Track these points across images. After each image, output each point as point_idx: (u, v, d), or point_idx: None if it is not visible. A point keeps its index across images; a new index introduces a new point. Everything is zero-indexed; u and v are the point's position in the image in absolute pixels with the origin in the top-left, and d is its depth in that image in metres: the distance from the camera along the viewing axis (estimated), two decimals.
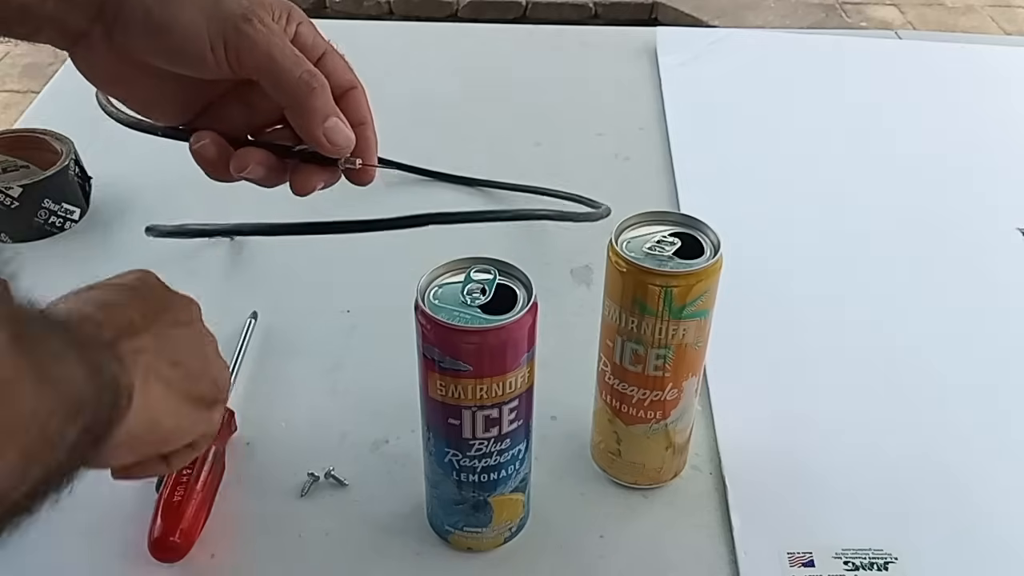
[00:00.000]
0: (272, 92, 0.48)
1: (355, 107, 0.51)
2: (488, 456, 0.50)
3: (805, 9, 3.43)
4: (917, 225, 0.82)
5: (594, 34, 1.18)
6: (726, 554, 0.55)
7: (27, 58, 3.13)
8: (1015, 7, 3.53)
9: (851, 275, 0.77)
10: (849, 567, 0.53)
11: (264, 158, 0.51)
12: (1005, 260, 0.79)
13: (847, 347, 0.69)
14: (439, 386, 0.48)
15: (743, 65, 1.06)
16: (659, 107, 0.98)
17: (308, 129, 0.49)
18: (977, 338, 0.71)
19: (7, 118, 2.73)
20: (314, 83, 0.48)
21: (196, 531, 0.53)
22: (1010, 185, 0.88)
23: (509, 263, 0.49)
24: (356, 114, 0.51)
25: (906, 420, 0.64)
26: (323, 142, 0.49)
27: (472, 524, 0.53)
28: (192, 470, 0.55)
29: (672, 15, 3.35)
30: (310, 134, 0.49)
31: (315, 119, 0.48)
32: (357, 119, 0.51)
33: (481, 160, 0.89)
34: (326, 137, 0.48)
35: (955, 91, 1.03)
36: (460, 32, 1.28)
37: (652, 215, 0.53)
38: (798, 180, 0.88)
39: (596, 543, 0.55)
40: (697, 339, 0.52)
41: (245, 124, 0.52)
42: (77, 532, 0.54)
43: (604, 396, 0.56)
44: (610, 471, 0.59)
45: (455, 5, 3.44)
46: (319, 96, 0.48)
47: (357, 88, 0.52)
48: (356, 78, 0.52)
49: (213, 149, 0.50)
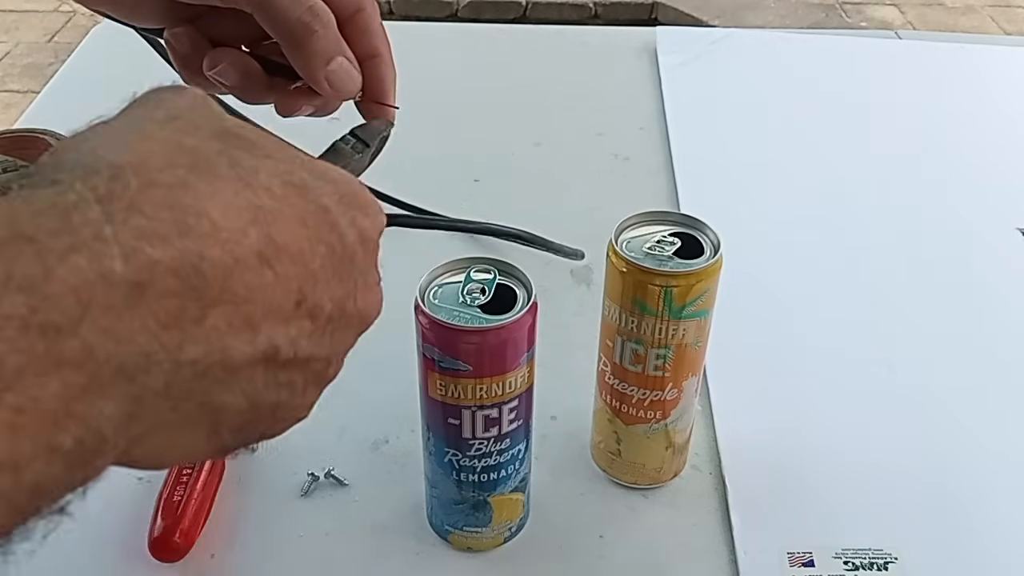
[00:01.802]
0: (267, 29, 0.42)
1: (363, 34, 0.44)
2: (488, 456, 0.50)
3: (805, 9, 3.43)
4: (917, 225, 0.82)
5: (594, 34, 1.18)
6: (726, 554, 0.55)
7: (27, 58, 3.14)
8: (1015, 7, 3.53)
9: (851, 275, 0.77)
10: (849, 567, 0.53)
11: (241, 61, 0.44)
12: (1005, 260, 0.79)
13: (847, 347, 0.69)
14: (439, 386, 0.48)
15: (743, 65, 1.06)
16: (659, 107, 0.98)
17: (308, 72, 0.43)
18: (977, 338, 0.71)
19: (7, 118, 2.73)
20: (315, 25, 0.42)
21: (196, 531, 0.53)
22: (1010, 185, 0.88)
23: (509, 263, 0.49)
24: (365, 43, 0.44)
25: (906, 420, 0.64)
26: (325, 87, 0.43)
27: (472, 524, 0.53)
28: (192, 470, 0.55)
29: (672, 15, 3.35)
30: (311, 77, 0.43)
31: (316, 62, 0.42)
32: (367, 50, 0.45)
33: (481, 160, 0.89)
34: (328, 81, 0.43)
35: (955, 91, 1.03)
36: (460, 32, 1.29)
37: (652, 215, 0.53)
38: (798, 180, 0.88)
39: (596, 543, 0.55)
40: (697, 339, 0.52)
41: (238, 35, 0.46)
42: (77, 532, 0.54)
43: (604, 396, 0.56)
44: (610, 471, 0.59)
45: (455, 5, 3.44)
46: (321, 39, 0.42)
47: (366, 10, 0.45)
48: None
49: (187, 42, 0.45)
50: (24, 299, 0.22)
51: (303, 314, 0.30)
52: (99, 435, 0.24)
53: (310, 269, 0.30)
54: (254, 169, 0.29)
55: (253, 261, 0.27)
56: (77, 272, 0.23)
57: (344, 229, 0.32)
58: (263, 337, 0.28)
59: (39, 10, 3.42)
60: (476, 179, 0.86)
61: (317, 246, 0.30)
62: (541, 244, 0.75)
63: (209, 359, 0.26)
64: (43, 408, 0.23)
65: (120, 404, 0.24)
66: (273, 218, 0.29)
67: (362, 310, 0.33)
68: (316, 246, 0.30)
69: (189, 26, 0.45)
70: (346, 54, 0.43)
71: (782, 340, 0.70)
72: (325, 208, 0.31)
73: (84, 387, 0.23)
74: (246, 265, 0.27)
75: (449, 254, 0.49)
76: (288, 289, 0.29)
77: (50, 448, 0.23)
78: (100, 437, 0.24)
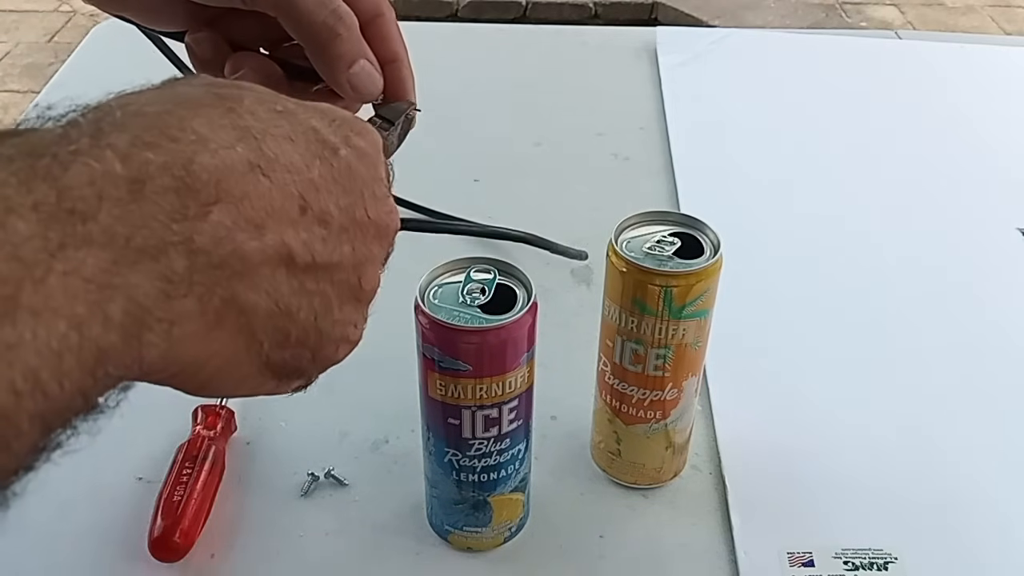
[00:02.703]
0: (290, 32, 0.43)
1: (383, 39, 0.45)
2: (488, 456, 0.50)
3: (805, 9, 3.43)
4: (917, 225, 0.82)
5: (594, 34, 1.18)
6: (726, 554, 0.55)
7: (27, 58, 3.13)
8: (1015, 7, 3.53)
9: (851, 275, 0.77)
10: (849, 567, 0.53)
11: (263, 66, 0.45)
12: (1005, 260, 0.79)
13: (847, 347, 0.69)
14: (439, 386, 0.48)
15: (743, 65, 1.06)
16: (659, 107, 0.98)
17: (331, 75, 0.44)
18: (977, 338, 0.71)
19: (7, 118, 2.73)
20: (339, 28, 0.42)
21: (196, 531, 0.53)
22: (1010, 185, 0.88)
23: (509, 263, 0.49)
24: (385, 48, 0.45)
25: (906, 420, 0.64)
26: (347, 90, 0.44)
27: (472, 524, 0.53)
28: (192, 470, 0.55)
29: (672, 15, 3.35)
30: (333, 79, 0.44)
31: (339, 65, 0.43)
32: (387, 55, 0.45)
33: (481, 160, 0.89)
34: (350, 84, 0.43)
35: (955, 91, 1.03)
36: (460, 32, 1.29)
37: (652, 215, 0.53)
38: (798, 180, 0.88)
39: (596, 543, 0.55)
40: (697, 339, 0.52)
41: (258, 37, 0.47)
42: (77, 532, 0.54)
43: (604, 396, 0.56)
44: (610, 471, 0.59)
45: (455, 5, 3.44)
46: (344, 42, 0.42)
47: (384, 15, 0.45)
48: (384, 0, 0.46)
49: (209, 46, 0.45)
50: (49, 187, 0.26)
51: (311, 220, 0.32)
52: (141, 306, 0.27)
53: (307, 178, 0.32)
54: (239, 97, 0.32)
55: (244, 167, 0.30)
56: (87, 170, 0.27)
57: (336, 144, 0.34)
58: (271, 236, 0.30)
59: (39, 10, 3.42)
60: (476, 179, 0.86)
61: (311, 160, 0.33)
62: (545, 246, 0.75)
63: (221, 250, 0.29)
64: (85, 275, 0.25)
65: (151, 280, 0.27)
66: (261, 136, 0.31)
67: (375, 219, 0.35)
68: (310, 160, 0.33)
69: (210, 30, 0.46)
70: (368, 57, 0.44)
71: (782, 340, 0.70)
72: (313, 128, 0.33)
73: (114, 261, 0.26)
74: (237, 171, 0.30)
75: (449, 254, 0.49)
76: (287, 194, 0.31)
77: (104, 315, 0.26)
78: (143, 308, 0.27)
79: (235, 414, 0.60)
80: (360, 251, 0.34)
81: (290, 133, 0.32)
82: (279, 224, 0.31)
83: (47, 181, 0.26)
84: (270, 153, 0.31)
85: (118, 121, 0.29)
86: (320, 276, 0.33)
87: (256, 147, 0.31)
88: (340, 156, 0.34)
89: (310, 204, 0.32)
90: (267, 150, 0.31)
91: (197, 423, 0.59)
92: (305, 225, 0.32)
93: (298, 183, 0.32)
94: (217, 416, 0.59)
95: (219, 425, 0.59)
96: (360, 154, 0.35)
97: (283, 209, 0.31)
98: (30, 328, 0.24)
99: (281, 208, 0.31)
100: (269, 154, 0.31)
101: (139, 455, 0.58)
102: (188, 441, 0.57)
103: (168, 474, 0.55)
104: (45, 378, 0.25)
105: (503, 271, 0.48)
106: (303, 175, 0.32)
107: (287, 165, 0.31)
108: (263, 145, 0.31)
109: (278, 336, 0.32)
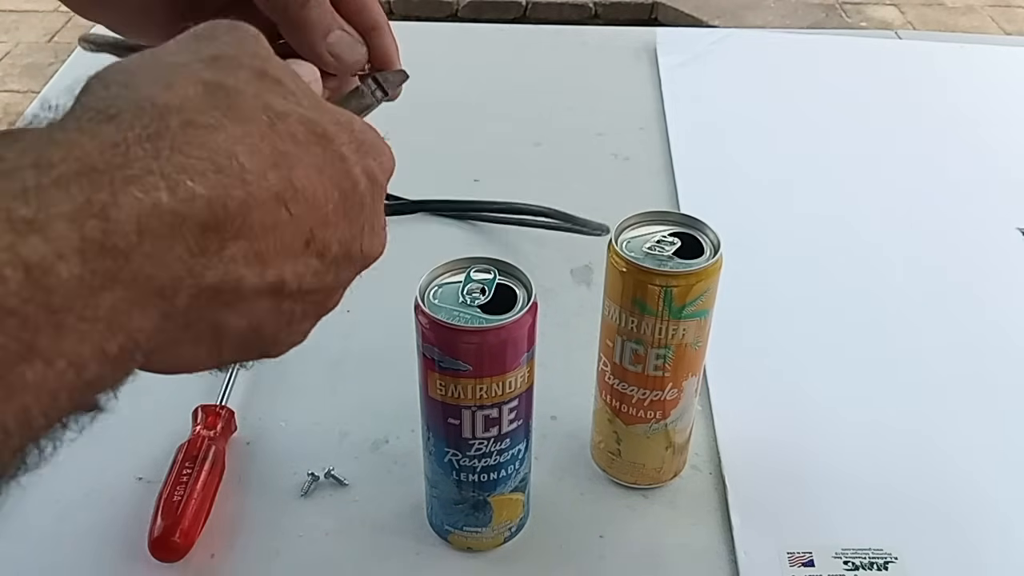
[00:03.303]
0: (262, 8, 0.42)
1: (360, 8, 0.44)
2: (488, 456, 0.50)
3: (805, 9, 3.43)
4: (917, 225, 0.82)
5: (594, 34, 1.18)
6: (726, 554, 0.55)
7: (27, 58, 3.14)
8: (1015, 7, 3.53)
9: (850, 275, 0.77)
10: (849, 567, 0.53)
11: None
12: (1005, 260, 0.79)
13: (847, 347, 0.69)
14: (439, 386, 0.48)
15: (743, 65, 1.06)
16: (659, 107, 0.98)
17: (308, 47, 0.43)
18: (977, 338, 0.71)
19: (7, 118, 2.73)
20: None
21: (196, 531, 0.53)
22: (1010, 185, 0.88)
23: (509, 263, 0.49)
24: (364, 17, 0.44)
25: (906, 420, 0.64)
26: (328, 60, 0.43)
27: (472, 524, 0.53)
28: (192, 470, 0.55)
29: (672, 15, 3.35)
30: (311, 52, 0.43)
31: (314, 34, 0.42)
32: (367, 23, 0.44)
33: (481, 160, 0.89)
34: (331, 54, 0.43)
35: (955, 91, 1.03)
36: (460, 32, 1.29)
37: (652, 215, 0.53)
38: (798, 180, 0.88)
39: (596, 543, 0.55)
40: (697, 339, 0.52)
41: None
42: (77, 532, 0.54)
43: (604, 396, 0.56)
44: (610, 471, 0.59)
45: (455, 5, 3.44)
46: (314, 8, 0.42)
47: None
48: None
49: None
50: (99, 224, 0.26)
51: (312, 253, 0.33)
52: (136, 344, 0.28)
53: (323, 212, 0.32)
54: (284, 115, 0.32)
55: (271, 202, 0.30)
56: (136, 202, 0.26)
57: (357, 176, 0.34)
58: (272, 271, 0.31)
59: (39, 10, 3.42)
60: (476, 179, 0.86)
61: (332, 192, 0.33)
62: (566, 219, 0.75)
63: (224, 286, 0.30)
64: (99, 315, 0.26)
65: (153, 319, 0.28)
66: (294, 163, 0.31)
67: (366, 252, 0.36)
68: (331, 192, 0.33)
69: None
70: (344, 27, 0.43)
71: (782, 340, 0.70)
72: (343, 156, 0.34)
73: (131, 302, 0.27)
74: (264, 206, 0.30)
75: (449, 254, 0.49)
76: (300, 230, 0.32)
77: (103, 353, 0.26)
78: (136, 346, 0.28)
79: (235, 414, 0.60)
80: (340, 279, 0.35)
81: (321, 163, 0.33)
82: (283, 259, 0.31)
83: (98, 218, 0.26)
84: (298, 184, 0.31)
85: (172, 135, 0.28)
86: (296, 300, 0.33)
87: (287, 176, 0.31)
88: (358, 191, 0.34)
89: (315, 238, 0.32)
90: (296, 180, 0.31)
91: (197, 423, 0.59)
92: (304, 259, 0.32)
93: (313, 218, 0.32)
94: (217, 416, 0.59)
95: (219, 425, 0.59)
96: (373, 183, 0.35)
97: (291, 245, 0.32)
98: (39, 373, 0.24)
99: (290, 244, 0.31)
100: (297, 184, 0.31)
101: (139, 455, 0.58)
102: (188, 441, 0.57)
103: (168, 474, 0.55)
104: (35, 414, 0.25)
105: (503, 271, 0.48)
106: (320, 210, 0.32)
107: (310, 199, 0.32)
108: (293, 175, 0.31)
109: (240, 346, 0.33)
